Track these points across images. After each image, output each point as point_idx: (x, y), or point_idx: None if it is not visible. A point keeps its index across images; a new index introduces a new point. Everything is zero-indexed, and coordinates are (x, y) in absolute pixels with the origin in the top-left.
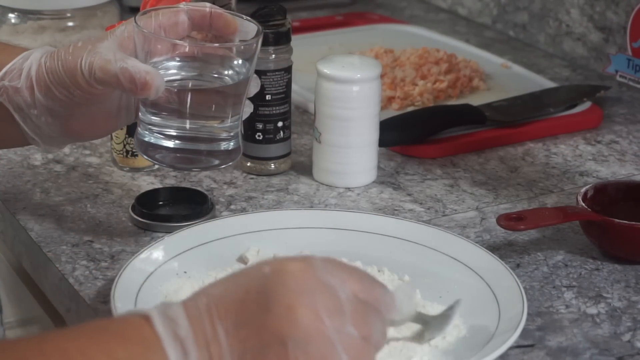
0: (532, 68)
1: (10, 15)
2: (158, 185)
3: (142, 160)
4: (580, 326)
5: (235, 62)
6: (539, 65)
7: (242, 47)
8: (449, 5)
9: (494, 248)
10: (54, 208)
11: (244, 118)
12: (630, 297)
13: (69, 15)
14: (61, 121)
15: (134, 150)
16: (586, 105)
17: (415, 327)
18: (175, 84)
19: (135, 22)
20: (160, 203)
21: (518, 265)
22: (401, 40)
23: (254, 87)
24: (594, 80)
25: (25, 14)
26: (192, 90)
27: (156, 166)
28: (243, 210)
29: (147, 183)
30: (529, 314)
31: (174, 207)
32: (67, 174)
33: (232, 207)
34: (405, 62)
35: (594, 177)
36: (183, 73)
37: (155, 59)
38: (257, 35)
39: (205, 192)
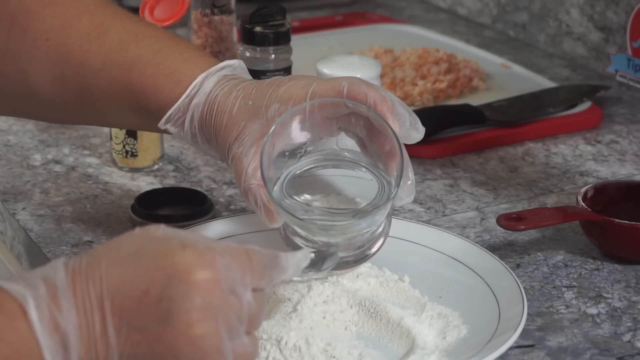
0: (532, 68)
1: None
2: (158, 186)
3: (142, 161)
4: (581, 326)
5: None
6: (539, 65)
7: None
8: (449, 5)
9: (494, 248)
10: (54, 208)
11: (400, 205)
12: (631, 297)
13: None
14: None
15: (133, 150)
16: (586, 105)
17: None
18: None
19: (268, 137)
20: (160, 203)
21: (518, 265)
22: (401, 40)
23: (407, 196)
24: (594, 80)
25: None
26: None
27: (155, 166)
28: (243, 211)
29: (146, 183)
30: (529, 314)
31: (173, 208)
32: (66, 174)
33: (232, 207)
34: (405, 62)
35: (594, 177)
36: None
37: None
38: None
39: (205, 193)
